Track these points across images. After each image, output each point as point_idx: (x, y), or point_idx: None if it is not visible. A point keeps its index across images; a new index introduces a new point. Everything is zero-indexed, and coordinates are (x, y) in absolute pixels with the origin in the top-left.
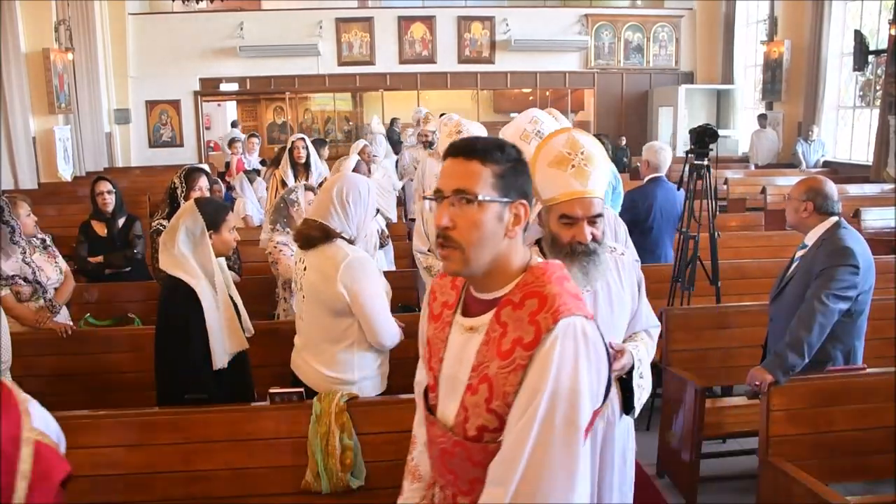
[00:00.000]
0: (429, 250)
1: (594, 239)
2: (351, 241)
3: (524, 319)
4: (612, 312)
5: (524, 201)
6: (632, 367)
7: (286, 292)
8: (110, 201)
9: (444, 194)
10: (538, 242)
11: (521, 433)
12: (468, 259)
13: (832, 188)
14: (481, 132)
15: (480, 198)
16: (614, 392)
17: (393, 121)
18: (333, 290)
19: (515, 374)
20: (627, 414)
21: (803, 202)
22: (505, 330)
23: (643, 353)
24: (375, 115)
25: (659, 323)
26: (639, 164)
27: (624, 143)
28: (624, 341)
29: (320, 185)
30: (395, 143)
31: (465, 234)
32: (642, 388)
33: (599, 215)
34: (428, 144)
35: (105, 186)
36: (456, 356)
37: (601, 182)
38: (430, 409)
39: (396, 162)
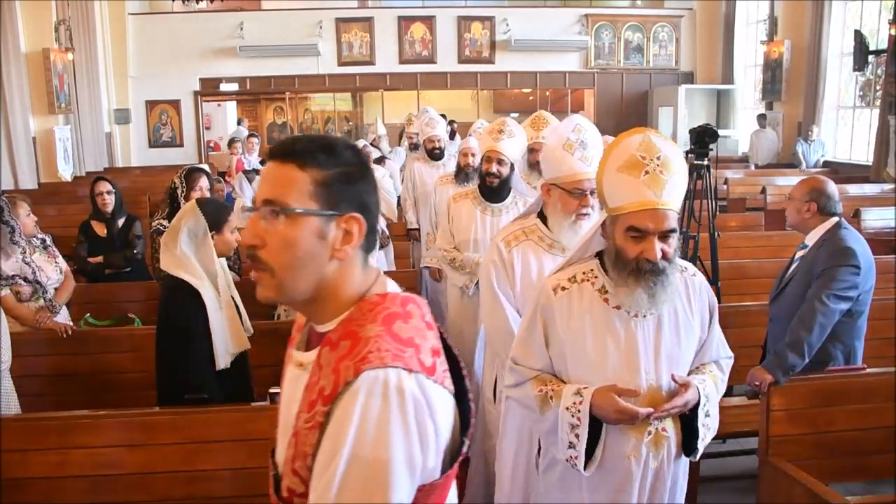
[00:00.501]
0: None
1: (665, 257)
2: None
3: (331, 365)
4: (678, 341)
5: (358, 215)
6: (697, 404)
7: None
8: (110, 201)
9: (255, 205)
10: (599, 256)
11: None
12: (280, 284)
13: (834, 188)
14: (521, 134)
15: (292, 210)
16: (672, 430)
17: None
18: None
19: (313, 433)
20: (689, 456)
21: (806, 202)
22: (319, 376)
23: (711, 389)
24: (377, 116)
25: (732, 354)
26: None
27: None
28: (690, 373)
29: None
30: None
31: (275, 254)
32: (708, 429)
33: (673, 230)
34: (414, 147)
35: (104, 187)
36: (289, 396)
37: (678, 193)
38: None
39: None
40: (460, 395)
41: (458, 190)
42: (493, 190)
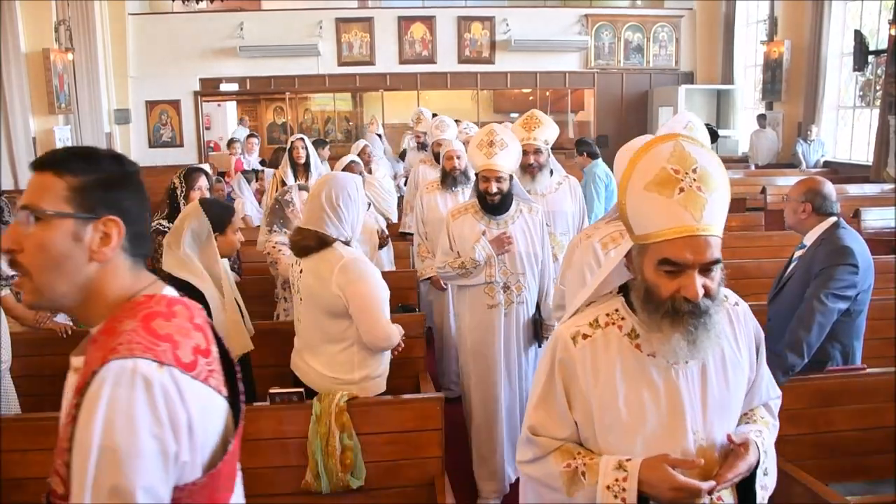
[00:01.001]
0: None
1: (707, 294)
2: (346, 243)
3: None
4: (726, 387)
5: (115, 217)
6: (755, 462)
7: (286, 292)
8: None
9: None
10: (624, 292)
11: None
12: (39, 287)
13: (830, 188)
14: (514, 143)
15: (43, 212)
16: (730, 498)
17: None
18: (330, 293)
19: (68, 428)
20: None
21: (802, 203)
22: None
23: (768, 442)
24: (374, 115)
25: (780, 393)
26: None
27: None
28: (739, 422)
29: None
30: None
31: (31, 257)
32: (766, 489)
33: (716, 262)
34: (422, 146)
35: None
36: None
37: (721, 213)
38: None
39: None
40: (233, 399)
41: (447, 198)
42: (496, 205)
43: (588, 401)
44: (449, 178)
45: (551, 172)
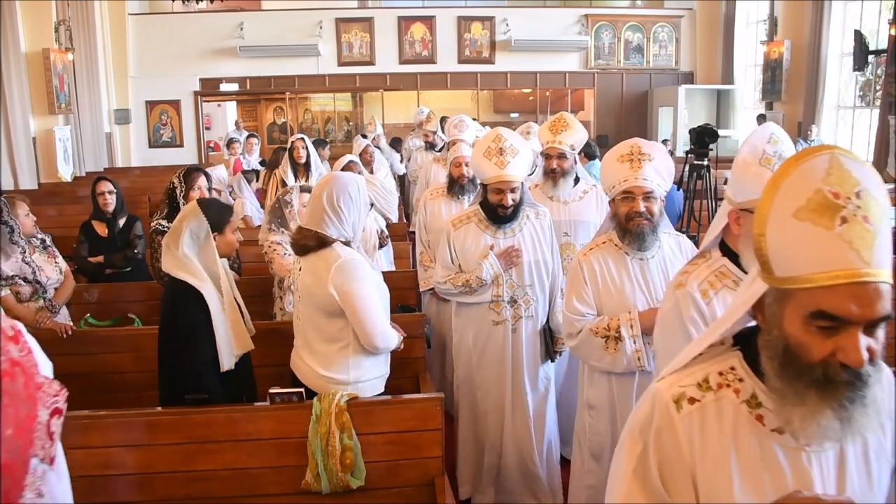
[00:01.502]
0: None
1: (871, 359)
2: (347, 243)
3: None
4: (868, 482)
5: None
6: None
7: (282, 291)
8: (111, 201)
9: None
10: (741, 343)
11: None
12: None
13: None
14: (524, 146)
15: None
16: None
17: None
18: (325, 292)
19: None
20: None
21: None
22: None
23: None
24: (374, 115)
25: None
26: None
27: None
28: None
29: None
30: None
31: None
32: None
33: (887, 318)
34: (430, 146)
35: (106, 186)
36: None
37: (890, 252)
38: None
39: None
40: None
41: (452, 206)
42: (506, 216)
43: (688, 485)
44: (456, 186)
45: (576, 180)
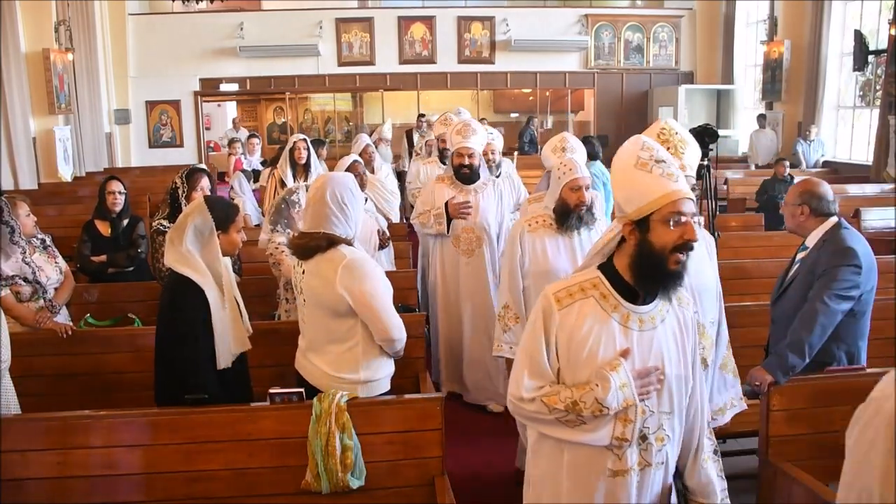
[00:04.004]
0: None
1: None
2: (349, 242)
3: None
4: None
5: None
6: None
7: (288, 293)
8: (119, 201)
9: None
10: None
11: None
12: None
13: (826, 188)
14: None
15: None
16: None
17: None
18: (334, 293)
19: None
20: None
21: (798, 206)
22: None
23: None
24: (389, 118)
25: None
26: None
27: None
28: None
29: None
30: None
31: None
32: None
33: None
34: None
35: (116, 186)
36: None
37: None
38: None
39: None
40: None
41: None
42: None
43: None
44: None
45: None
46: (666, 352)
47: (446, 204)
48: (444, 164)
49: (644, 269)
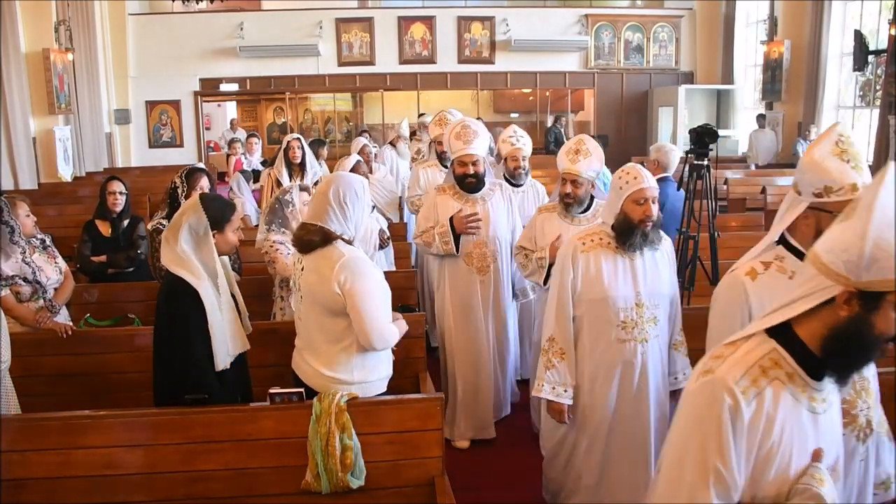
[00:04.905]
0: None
1: None
2: (349, 242)
3: None
4: None
5: None
6: None
7: (283, 291)
8: (120, 202)
9: None
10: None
11: None
12: None
13: None
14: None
15: None
16: None
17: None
18: (329, 290)
19: None
20: None
21: None
22: None
23: None
24: (405, 117)
25: None
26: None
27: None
28: None
29: (315, 184)
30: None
31: None
32: None
33: None
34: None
35: (118, 187)
36: None
37: None
38: None
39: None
40: None
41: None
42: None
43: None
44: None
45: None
46: (838, 432)
47: (451, 220)
48: (445, 166)
49: (851, 353)
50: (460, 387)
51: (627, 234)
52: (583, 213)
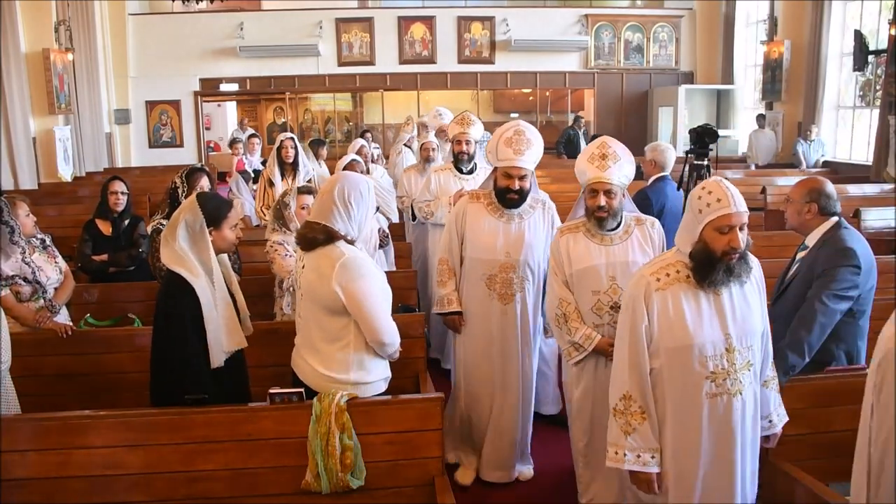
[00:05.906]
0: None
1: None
2: (351, 242)
3: None
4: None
5: None
6: None
7: (281, 291)
8: (122, 201)
9: None
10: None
11: None
12: None
13: (832, 188)
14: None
15: None
16: None
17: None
18: (329, 289)
19: None
20: None
21: (807, 203)
22: None
23: None
24: (412, 115)
25: None
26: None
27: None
28: None
29: (308, 182)
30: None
31: None
32: None
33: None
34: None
35: (119, 187)
36: None
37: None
38: None
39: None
40: None
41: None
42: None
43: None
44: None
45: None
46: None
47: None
48: (460, 170)
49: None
50: (464, 413)
51: (707, 268)
52: (613, 230)
